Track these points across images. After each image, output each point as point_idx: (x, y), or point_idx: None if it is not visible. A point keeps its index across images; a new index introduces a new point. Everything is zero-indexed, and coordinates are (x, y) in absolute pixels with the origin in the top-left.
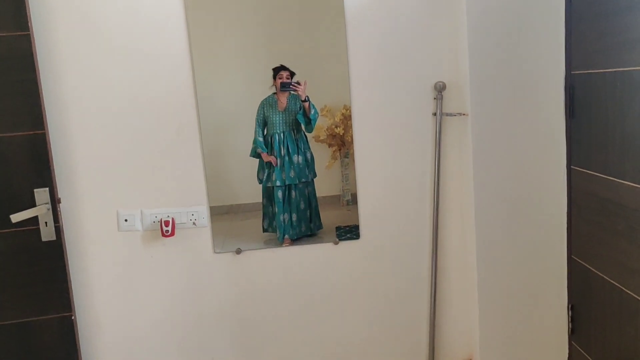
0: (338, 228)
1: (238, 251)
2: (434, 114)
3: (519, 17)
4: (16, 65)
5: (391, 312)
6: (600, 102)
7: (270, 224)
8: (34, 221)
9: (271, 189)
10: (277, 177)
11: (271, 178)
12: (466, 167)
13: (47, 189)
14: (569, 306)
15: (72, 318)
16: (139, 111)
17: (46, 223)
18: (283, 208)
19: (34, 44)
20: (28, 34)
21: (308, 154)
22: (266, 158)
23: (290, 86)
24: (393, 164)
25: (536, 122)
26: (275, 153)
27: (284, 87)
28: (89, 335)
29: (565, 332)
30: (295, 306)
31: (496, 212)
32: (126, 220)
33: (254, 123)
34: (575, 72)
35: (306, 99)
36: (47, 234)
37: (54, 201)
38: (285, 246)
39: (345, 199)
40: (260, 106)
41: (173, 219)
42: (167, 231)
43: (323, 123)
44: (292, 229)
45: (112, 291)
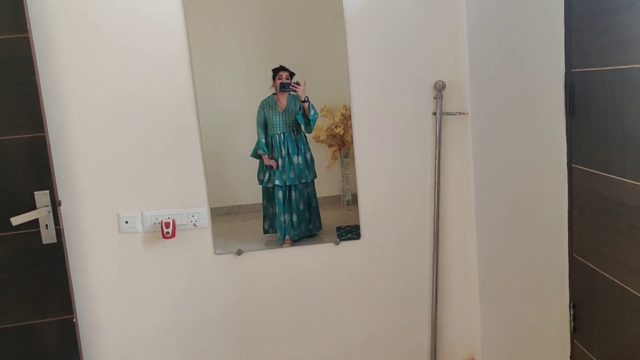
0: (339, 228)
1: (239, 252)
2: (434, 114)
3: (519, 16)
4: (15, 67)
5: (392, 312)
6: (600, 100)
7: (271, 225)
8: (35, 224)
9: (271, 190)
10: (278, 178)
11: (271, 179)
12: (466, 166)
13: (48, 192)
14: (571, 304)
15: (74, 320)
16: (139, 112)
17: (47, 226)
18: (283, 209)
19: (33, 46)
20: (27, 37)
21: (308, 155)
22: (267, 162)
23: (289, 87)
24: (393, 164)
25: (536, 121)
26: (275, 154)
27: (284, 88)
28: (90, 337)
29: (567, 331)
30: (296, 307)
31: (497, 211)
32: (127, 222)
33: (255, 124)
34: (575, 71)
35: (306, 100)
36: (48, 237)
37: (55, 204)
38: (286, 247)
39: (345, 199)
40: (260, 107)
41: (174, 221)
42: (168, 233)
43: (323, 123)
44: (293, 230)
45: (113, 293)
